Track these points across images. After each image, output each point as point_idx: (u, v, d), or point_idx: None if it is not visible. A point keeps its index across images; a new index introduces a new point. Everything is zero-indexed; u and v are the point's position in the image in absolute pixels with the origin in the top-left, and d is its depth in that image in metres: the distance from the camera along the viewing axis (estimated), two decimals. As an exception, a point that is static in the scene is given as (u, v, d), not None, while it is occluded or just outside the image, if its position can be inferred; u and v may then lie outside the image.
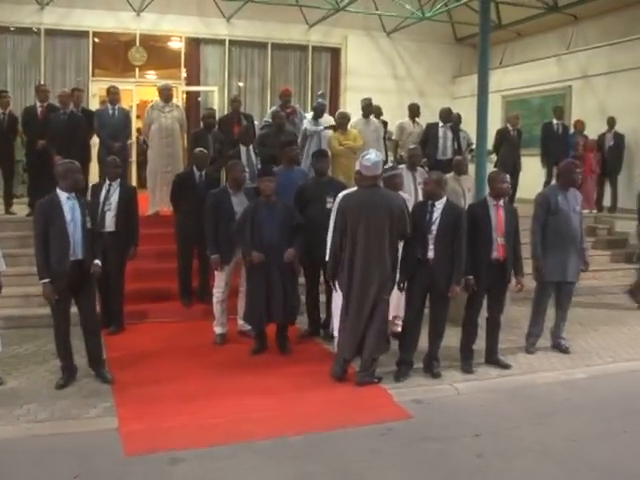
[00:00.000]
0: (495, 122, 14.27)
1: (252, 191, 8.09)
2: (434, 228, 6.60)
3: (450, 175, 9.30)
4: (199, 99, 17.82)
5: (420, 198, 7.59)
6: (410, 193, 8.22)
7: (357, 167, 6.59)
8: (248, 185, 8.27)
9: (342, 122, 10.75)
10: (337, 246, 6.36)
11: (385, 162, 8.07)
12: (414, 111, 12.61)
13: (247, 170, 8.49)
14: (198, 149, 9.16)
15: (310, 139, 10.87)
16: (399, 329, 7.26)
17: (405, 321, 6.91)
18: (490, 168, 9.99)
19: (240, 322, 8.18)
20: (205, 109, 12.99)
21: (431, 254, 6.58)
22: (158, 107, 11.28)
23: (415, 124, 12.63)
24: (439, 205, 6.66)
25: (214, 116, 11.01)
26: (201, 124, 10.71)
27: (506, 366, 7.44)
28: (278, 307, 7.33)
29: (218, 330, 8.06)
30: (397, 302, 7.25)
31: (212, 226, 7.66)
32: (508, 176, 7.27)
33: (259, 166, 9.16)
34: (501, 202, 7.10)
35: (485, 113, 9.43)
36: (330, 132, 10.78)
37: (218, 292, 7.99)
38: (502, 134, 13.54)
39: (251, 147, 9.53)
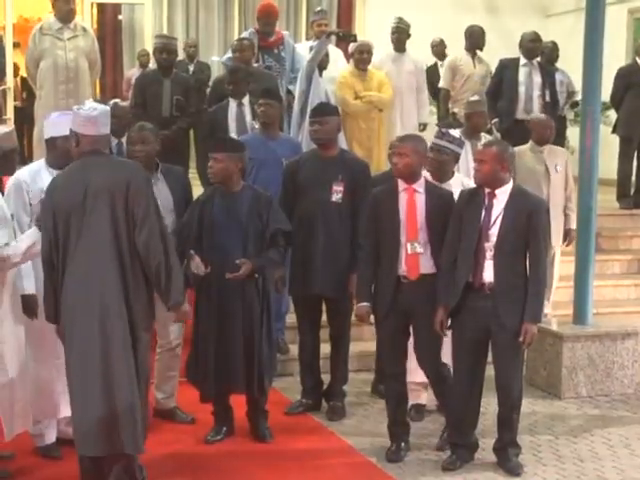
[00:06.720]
0: (617, 55, 11.80)
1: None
2: (494, 233, 5.48)
3: (527, 146, 8.06)
4: (120, 18, 14.63)
5: None
6: (469, 175, 6.87)
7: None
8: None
9: (360, 59, 9.00)
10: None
11: (424, 126, 8.58)
12: (476, 39, 10.24)
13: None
14: (118, 102, 7.37)
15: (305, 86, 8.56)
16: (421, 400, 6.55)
17: (454, 387, 5.90)
18: (607, 134, 9.31)
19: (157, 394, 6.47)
20: (157, 37, 10.42)
21: (489, 276, 5.49)
22: (51, 31, 9.00)
23: (477, 61, 10.30)
24: (502, 195, 5.59)
25: (173, 50, 9.05)
26: (137, 63, 9.35)
27: None
28: (237, 368, 6.01)
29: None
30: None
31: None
32: None
33: (255, 127, 7.76)
34: None
35: (599, 40, 7.54)
36: (340, 73, 9.07)
37: None
38: (628, 75, 10.75)
39: (246, 100, 7.93)
